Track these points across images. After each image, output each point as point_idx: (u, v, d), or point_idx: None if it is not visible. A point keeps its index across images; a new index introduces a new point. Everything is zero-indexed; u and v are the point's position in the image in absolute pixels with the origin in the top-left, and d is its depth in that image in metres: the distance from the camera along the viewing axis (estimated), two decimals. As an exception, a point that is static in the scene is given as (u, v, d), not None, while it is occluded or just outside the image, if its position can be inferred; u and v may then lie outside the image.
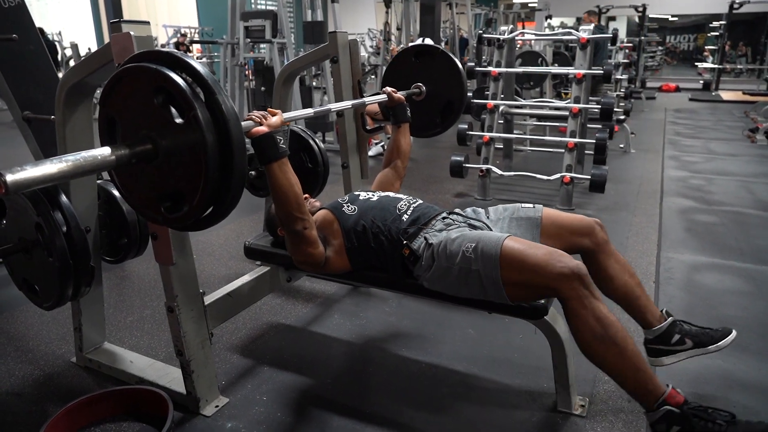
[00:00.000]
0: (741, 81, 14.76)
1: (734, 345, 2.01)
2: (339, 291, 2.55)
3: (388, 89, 2.07)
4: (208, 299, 1.77)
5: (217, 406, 1.71)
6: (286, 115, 1.55)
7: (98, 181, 1.87)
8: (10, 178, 0.89)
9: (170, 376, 1.80)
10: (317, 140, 2.67)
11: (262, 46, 5.99)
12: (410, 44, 5.46)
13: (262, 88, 5.49)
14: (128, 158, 1.09)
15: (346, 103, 1.99)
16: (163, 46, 12.40)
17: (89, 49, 10.22)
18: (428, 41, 5.40)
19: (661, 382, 1.38)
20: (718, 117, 8.59)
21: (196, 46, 12.31)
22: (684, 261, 2.88)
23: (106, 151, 1.06)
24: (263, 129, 1.42)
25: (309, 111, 1.76)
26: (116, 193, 1.88)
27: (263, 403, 1.74)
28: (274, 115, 1.47)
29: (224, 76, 6.13)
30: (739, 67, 16.05)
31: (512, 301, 1.47)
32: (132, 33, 1.39)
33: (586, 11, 8.28)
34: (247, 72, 6.02)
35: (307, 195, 1.92)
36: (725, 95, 11.19)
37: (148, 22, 1.51)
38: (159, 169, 1.13)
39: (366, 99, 2.06)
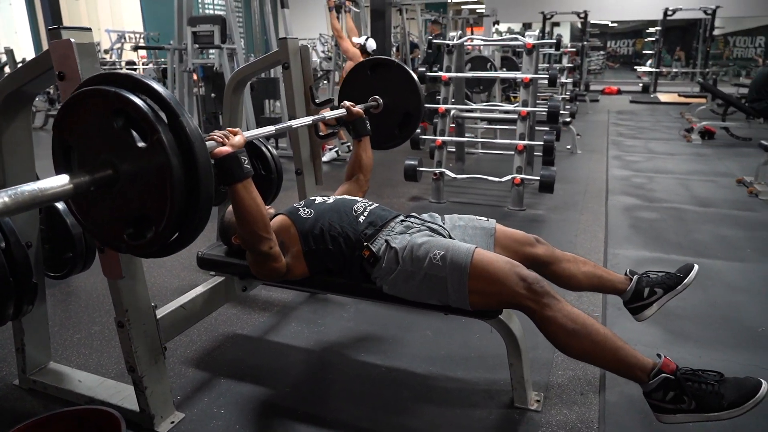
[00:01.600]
0: (676, 83, 15.55)
1: (676, 334, 2.12)
2: (296, 299, 2.53)
3: (347, 103, 2.07)
4: (161, 312, 1.72)
5: (172, 422, 1.67)
6: (248, 133, 1.53)
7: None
8: None
9: (122, 394, 1.74)
10: (270, 147, 2.64)
11: (211, 51, 5.88)
12: (357, 44, 5.45)
13: (212, 95, 5.39)
14: (88, 185, 1.05)
15: (306, 119, 1.98)
16: (106, 51, 11.99)
17: (24, 58, 9.78)
18: (371, 41, 5.43)
19: (646, 356, 1.43)
20: (657, 118, 9.02)
21: (141, 52, 11.97)
22: (629, 256, 3.00)
23: (63, 179, 1.02)
24: (227, 149, 1.40)
25: (270, 128, 1.72)
26: (59, 206, 1.81)
27: (221, 417, 1.71)
28: (235, 134, 1.45)
29: (172, 83, 5.98)
30: (674, 70, 16.90)
31: (473, 308, 1.52)
32: (73, 40, 1.34)
33: (431, 21, 8.79)
34: (195, 78, 5.90)
35: None
36: (663, 97, 11.76)
37: (89, 29, 1.45)
38: (120, 194, 1.09)
39: (325, 114, 2.05)
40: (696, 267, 1.77)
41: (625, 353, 1.41)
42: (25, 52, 13.38)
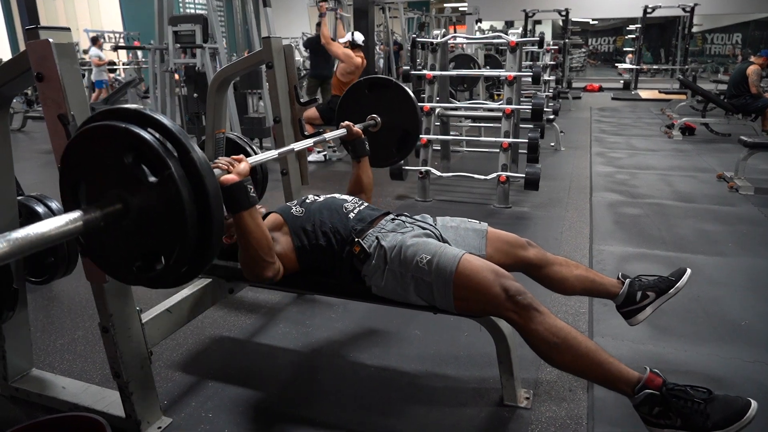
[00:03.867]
0: (656, 80, 15.77)
1: (662, 329, 2.15)
2: (283, 300, 2.51)
3: (347, 123, 2.07)
4: (146, 316, 1.70)
5: (159, 428, 1.64)
6: (252, 159, 1.51)
7: (18, 198, 1.75)
8: None
9: (107, 400, 1.71)
10: (254, 147, 2.62)
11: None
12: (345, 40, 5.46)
13: (195, 95, 5.33)
14: (98, 221, 1.05)
15: (307, 142, 1.95)
16: (85, 51, 11.79)
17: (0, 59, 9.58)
18: (357, 35, 5.41)
19: (631, 369, 1.40)
20: (638, 114, 9.14)
21: (122, 52, 11.79)
22: (614, 252, 3.03)
23: (75, 216, 1.01)
24: (233, 177, 1.38)
25: (273, 153, 1.71)
26: (39, 209, 1.77)
27: (209, 420, 1.69)
28: (239, 161, 1.43)
29: (153, 83, 5.90)
30: (654, 67, 17.13)
31: (458, 312, 1.52)
32: (51, 40, 1.31)
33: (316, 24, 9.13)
34: (176, 78, 5.83)
35: None
36: (643, 94, 11.92)
37: (68, 28, 1.42)
38: (129, 228, 1.09)
39: (326, 135, 2.04)
40: (689, 271, 1.78)
41: (608, 367, 1.39)
42: (1, 52, 13.12)
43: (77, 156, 1.11)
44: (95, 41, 10.23)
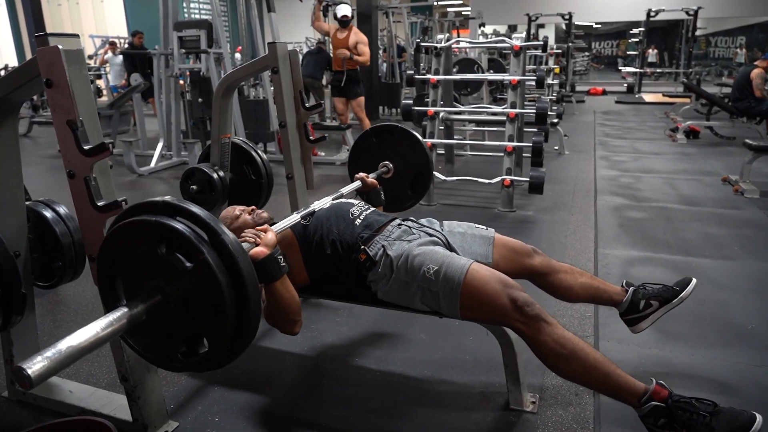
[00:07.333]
0: (660, 84, 15.75)
1: (668, 334, 2.14)
2: (289, 304, 2.52)
3: (361, 175, 2.10)
4: (153, 321, 1.70)
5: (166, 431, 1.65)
6: (276, 227, 1.53)
7: (27, 203, 1.77)
8: (31, 372, 0.89)
9: (114, 404, 1.71)
10: (260, 151, 2.64)
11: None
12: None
13: (200, 100, 5.35)
14: (140, 315, 1.09)
15: (326, 200, 1.85)
16: (90, 57, 11.86)
17: (7, 66, 9.64)
18: (340, 6, 5.61)
19: (638, 381, 1.41)
20: (642, 118, 9.12)
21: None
22: (619, 256, 3.03)
23: (118, 314, 1.06)
24: (264, 251, 1.38)
25: (296, 217, 1.67)
26: (47, 214, 1.78)
27: (215, 425, 1.69)
28: (265, 230, 1.44)
29: (159, 88, 5.93)
30: (658, 70, 17.11)
31: (464, 319, 1.52)
32: (60, 46, 1.32)
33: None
34: (180, 83, 5.86)
35: (253, 207, 1.89)
36: (647, 97, 11.90)
37: (77, 35, 1.44)
38: (170, 316, 1.12)
39: (342, 190, 2.03)
40: (694, 281, 1.79)
41: (615, 378, 1.40)
42: (7, 57, 13.21)
43: (112, 254, 1.16)
44: (113, 47, 10.32)
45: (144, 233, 1.10)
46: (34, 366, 0.90)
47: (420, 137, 2.42)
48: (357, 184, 2.09)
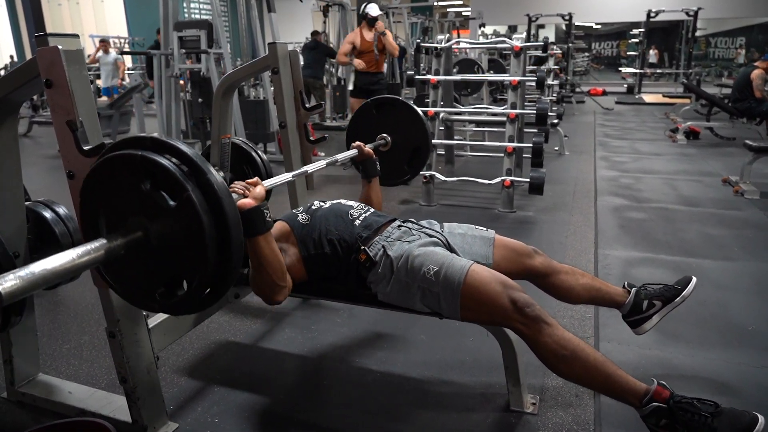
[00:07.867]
0: (660, 84, 15.75)
1: (668, 334, 2.14)
2: (289, 304, 2.51)
3: (358, 143, 2.08)
4: (152, 321, 1.70)
5: (166, 433, 1.65)
6: (267, 183, 1.52)
7: (27, 203, 1.76)
8: (2, 288, 0.86)
9: (114, 405, 1.71)
10: (260, 152, 2.63)
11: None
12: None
13: (200, 100, 5.36)
14: (119, 249, 1.06)
15: (320, 164, 1.94)
16: (89, 56, 11.85)
17: (12, 57, 9.61)
18: (371, 6, 5.22)
19: (639, 381, 1.40)
20: (642, 118, 9.12)
21: (126, 58, 11.85)
22: (619, 257, 3.02)
23: (96, 244, 1.03)
24: (251, 202, 1.37)
25: (287, 176, 1.70)
26: (47, 214, 1.78)
27: (215, 426, 1.69)
28: (255, 184, 1.43)
29: (159, 88, 5.93)
30: (658, 71, 17.11)
31: (465, 320, 1.51)
32: (60, 47, 1.32)
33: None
34: (181, 83, 5.87)
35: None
36: (647, 98, 11.90)
37: (77, 35, 1.44)
38: (151, 255, 1.10)
39: (338, 156, 2.04)
40: (694, 279, 1.78)
41: (616, 379, 1.39)
42: (7, 57, 13.20)
43: (96, 187, 1.13)
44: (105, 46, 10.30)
45: (129, 167, 1.07)
46: (6, 283, 0.86)
47: (420, 112, 2.37)
48: (353, 152, 2.06)
